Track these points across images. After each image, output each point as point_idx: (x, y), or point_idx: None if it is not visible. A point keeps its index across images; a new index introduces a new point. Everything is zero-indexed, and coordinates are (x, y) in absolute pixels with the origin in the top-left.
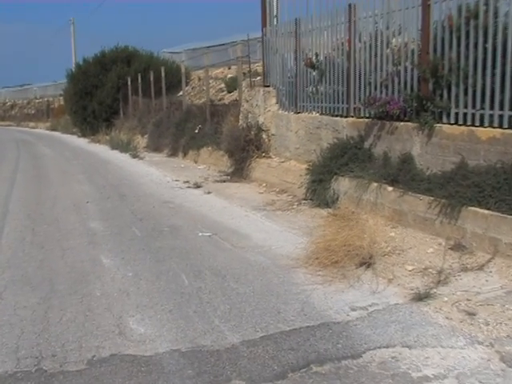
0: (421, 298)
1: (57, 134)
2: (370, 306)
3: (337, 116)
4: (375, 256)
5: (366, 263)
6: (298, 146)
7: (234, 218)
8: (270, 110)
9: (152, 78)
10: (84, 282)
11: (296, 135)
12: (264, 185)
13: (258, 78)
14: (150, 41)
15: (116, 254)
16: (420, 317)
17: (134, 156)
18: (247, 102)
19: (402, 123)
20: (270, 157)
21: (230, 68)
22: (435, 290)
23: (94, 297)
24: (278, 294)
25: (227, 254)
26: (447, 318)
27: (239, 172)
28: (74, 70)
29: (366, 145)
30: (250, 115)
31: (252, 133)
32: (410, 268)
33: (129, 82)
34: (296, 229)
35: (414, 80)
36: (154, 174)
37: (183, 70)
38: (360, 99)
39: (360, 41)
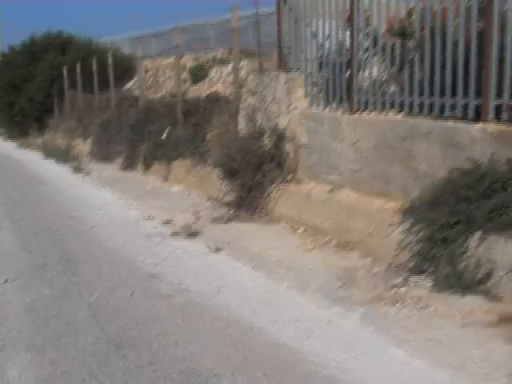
0: None
1: None
2: None
3: (447, 119)
4: None
5: None
6: (359, 166)
7: (311, 335)
8: (296, 107)
9: (94, 68)
10: None
11: (353, 149)
12: (303, 229)
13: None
14: (86, 29)
15: None
16: None
17: (77, 169)
18: (253, 94)
19: None
20: (298, 180)
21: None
22: None
23: None
24: None
25: None
26: None
27: (249, 203)
28: None
29: None
30: (259, 115)
31: (268, 143)
32: None
33: (64, 74)
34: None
35: None
36: (111, 202)
37: (139, 55)
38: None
39: None
